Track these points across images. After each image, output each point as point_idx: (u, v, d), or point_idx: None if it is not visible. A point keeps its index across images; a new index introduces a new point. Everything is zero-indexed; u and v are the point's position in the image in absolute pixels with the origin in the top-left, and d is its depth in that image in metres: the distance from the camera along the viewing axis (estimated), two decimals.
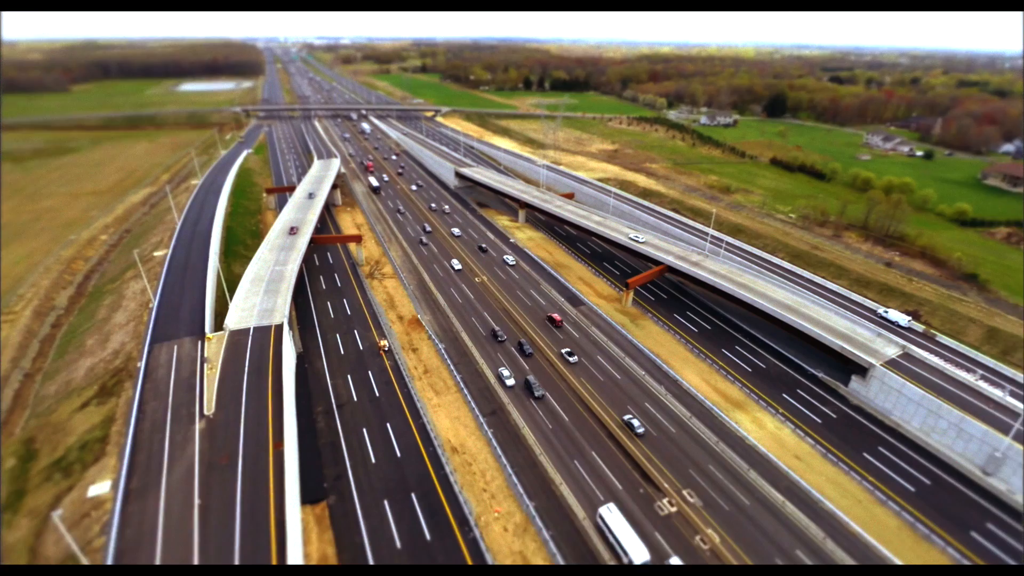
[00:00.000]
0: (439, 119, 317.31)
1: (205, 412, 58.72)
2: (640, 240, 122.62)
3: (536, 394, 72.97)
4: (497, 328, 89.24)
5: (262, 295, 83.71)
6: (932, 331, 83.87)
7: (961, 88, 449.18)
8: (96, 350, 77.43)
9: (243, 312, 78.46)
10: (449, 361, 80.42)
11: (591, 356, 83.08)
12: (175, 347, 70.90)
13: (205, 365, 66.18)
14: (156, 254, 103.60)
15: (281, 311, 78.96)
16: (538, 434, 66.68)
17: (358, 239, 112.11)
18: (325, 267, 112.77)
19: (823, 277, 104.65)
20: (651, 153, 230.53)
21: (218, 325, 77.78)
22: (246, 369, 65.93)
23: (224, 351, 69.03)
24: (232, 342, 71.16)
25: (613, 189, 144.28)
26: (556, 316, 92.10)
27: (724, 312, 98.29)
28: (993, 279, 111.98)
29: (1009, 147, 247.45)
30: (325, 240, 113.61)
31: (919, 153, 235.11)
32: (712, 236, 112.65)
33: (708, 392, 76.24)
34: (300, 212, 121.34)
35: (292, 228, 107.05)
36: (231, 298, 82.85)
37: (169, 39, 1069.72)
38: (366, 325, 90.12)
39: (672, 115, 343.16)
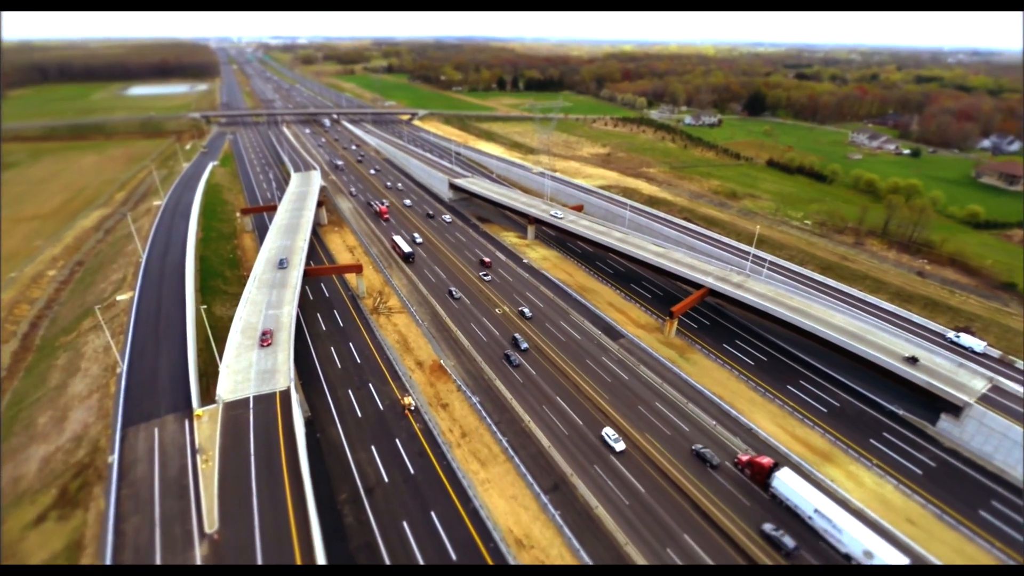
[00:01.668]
0: (416, 123, 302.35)
1: (206, 529, 45.24)
2: (559, 216, 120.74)
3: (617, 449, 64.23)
4: (535, 372, 78.12)
5: (258, 350, 69.69)
6: (1010, 357, 77.32)
7: (921, 84, 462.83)
8: (51, 433, 61.91)
9: (237, 375, 64.46)
10: (488, 419, 68.56)
11: (649, 403, 72.76)
12: (155, 430, 56.59)
13: (199, 457, 52.34)
14: (119, 297, 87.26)
15: (284, 371, 65.40)
16: (615, 513, 55.82)
17: (358, 269, 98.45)
18: (321, 302, 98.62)
19: (862, 291, 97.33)
20: (645, 156, 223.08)
21: (206, 394, 63.66)
22: (252, 460, 52.47)
23: (221, 434, 55.20)
24: (229, 419, 57.34)
25: (629, 201, 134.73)
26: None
27: (775, 339, 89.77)
28: None
29: (986, 143, 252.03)
30: (321, 272, 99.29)
31: (906, 151, 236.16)
32: (754, 255, 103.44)
33: (788, 441, 67.09)
34: (287, 238, 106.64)
35: (281, 261, 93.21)
36: (220, 356, 68.60)
37: (112, 39, 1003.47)
38: (381, 376, 77.08)
39: (654, 115, 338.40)
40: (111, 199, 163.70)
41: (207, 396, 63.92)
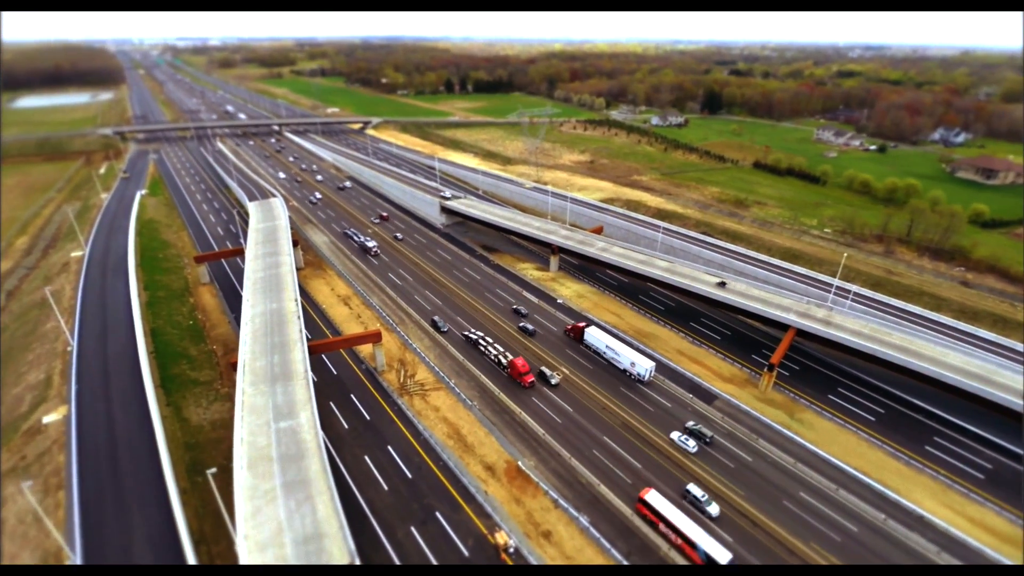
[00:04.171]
0: (371, 132, 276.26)
1: None
2: (447, 196, 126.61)
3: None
4: (638, 463, 61.97)
5: (283, 497, 48.25)
6: None
7: (843, 78, 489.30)
8: None
9: (264, 553, 43.12)
10: (614, 551, 51.50)
11: (792, 493, 58.63)
12: None
13: None
14: (46, 419, 61.23)
15: (335, 533, 44.81)
16: None
17: (376, 337, 77.40)
18: (330, 384, 76.66)
19: (924, 309, 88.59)
20: (628, 162, 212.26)
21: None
22: None
23: None
24: None
25: (662, 223, 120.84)
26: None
27: (877, 382, 78.69)
28: None
29: (936, 136, 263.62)
30: (329, 347, 76.71)
31: (872, 147, 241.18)
32: (838, 286, 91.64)
33: (968, 528, 55.19)
34: (270, 298, 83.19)
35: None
36: (219, 495, 46.95)
37: None
38: (448, 497, 57.67)
39: (615, 115, 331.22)
40: (10, 247, 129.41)
41: None
